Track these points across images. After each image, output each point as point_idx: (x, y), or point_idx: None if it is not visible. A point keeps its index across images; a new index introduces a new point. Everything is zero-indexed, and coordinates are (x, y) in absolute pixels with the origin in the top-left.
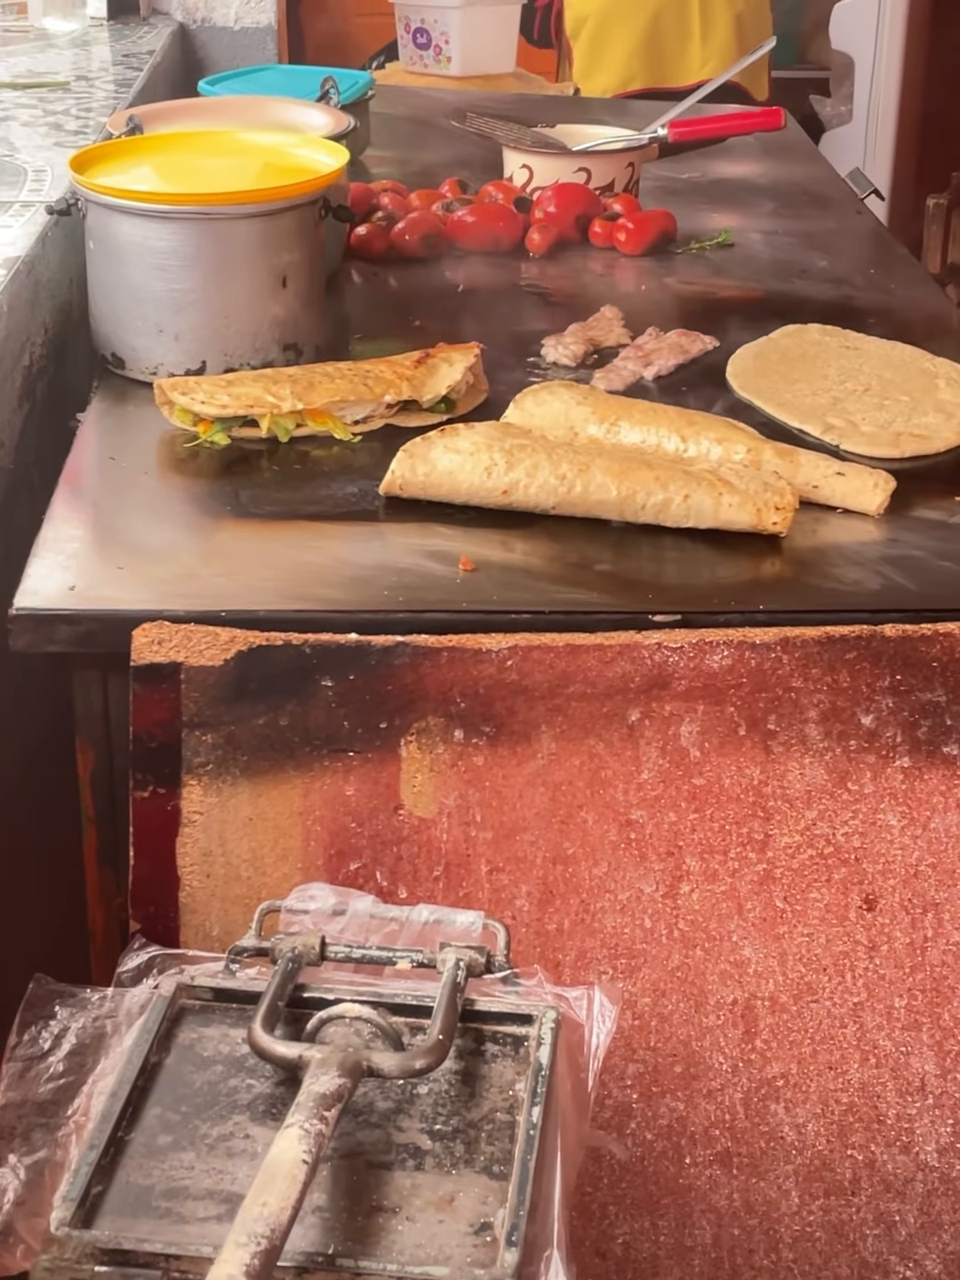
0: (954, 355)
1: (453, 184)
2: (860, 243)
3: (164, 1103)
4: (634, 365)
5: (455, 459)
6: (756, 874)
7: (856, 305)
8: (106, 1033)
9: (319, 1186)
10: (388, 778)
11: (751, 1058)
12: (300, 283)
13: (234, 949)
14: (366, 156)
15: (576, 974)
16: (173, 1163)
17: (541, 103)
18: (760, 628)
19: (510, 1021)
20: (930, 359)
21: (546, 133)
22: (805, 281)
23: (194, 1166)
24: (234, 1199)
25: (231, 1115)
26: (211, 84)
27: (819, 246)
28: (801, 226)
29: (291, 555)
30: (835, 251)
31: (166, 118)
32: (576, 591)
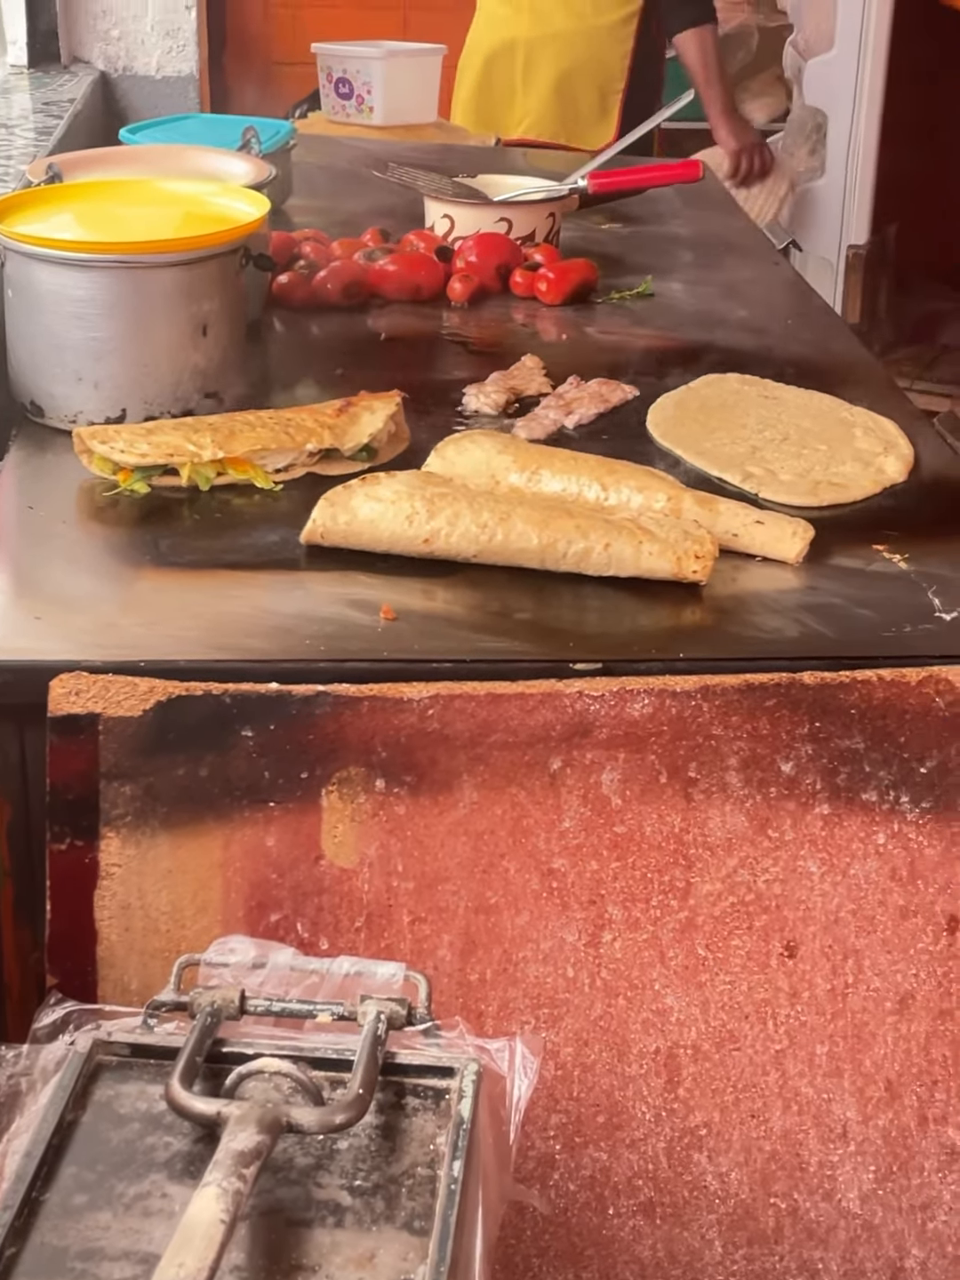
0: (871, 404)
1: (374, 233)
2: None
3: (80, 1161)
4: (555, 414)
5: (377, 507)
6: (678, 922)
7: (775, 355)
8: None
9: (237, 1245)
10: (309, 828)
11: (674, 1106)
12: (221, 331)
13: (152, 1004)
14: (288, 205)
15: (499, 1025)
16: (88, 1223)
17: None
18: (681, 676)
19: (431, 1074)
20: (847, 408)
21: (468, 183)
22: (725, 331)
23: (110, 1227)
24: (150, 1259)
25: (148, 1174)
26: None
27: (738, 297)
28: (720, 277)
29: (212, 604)
30: (754, 302)
31: (86, 166)
32: (498, 640)
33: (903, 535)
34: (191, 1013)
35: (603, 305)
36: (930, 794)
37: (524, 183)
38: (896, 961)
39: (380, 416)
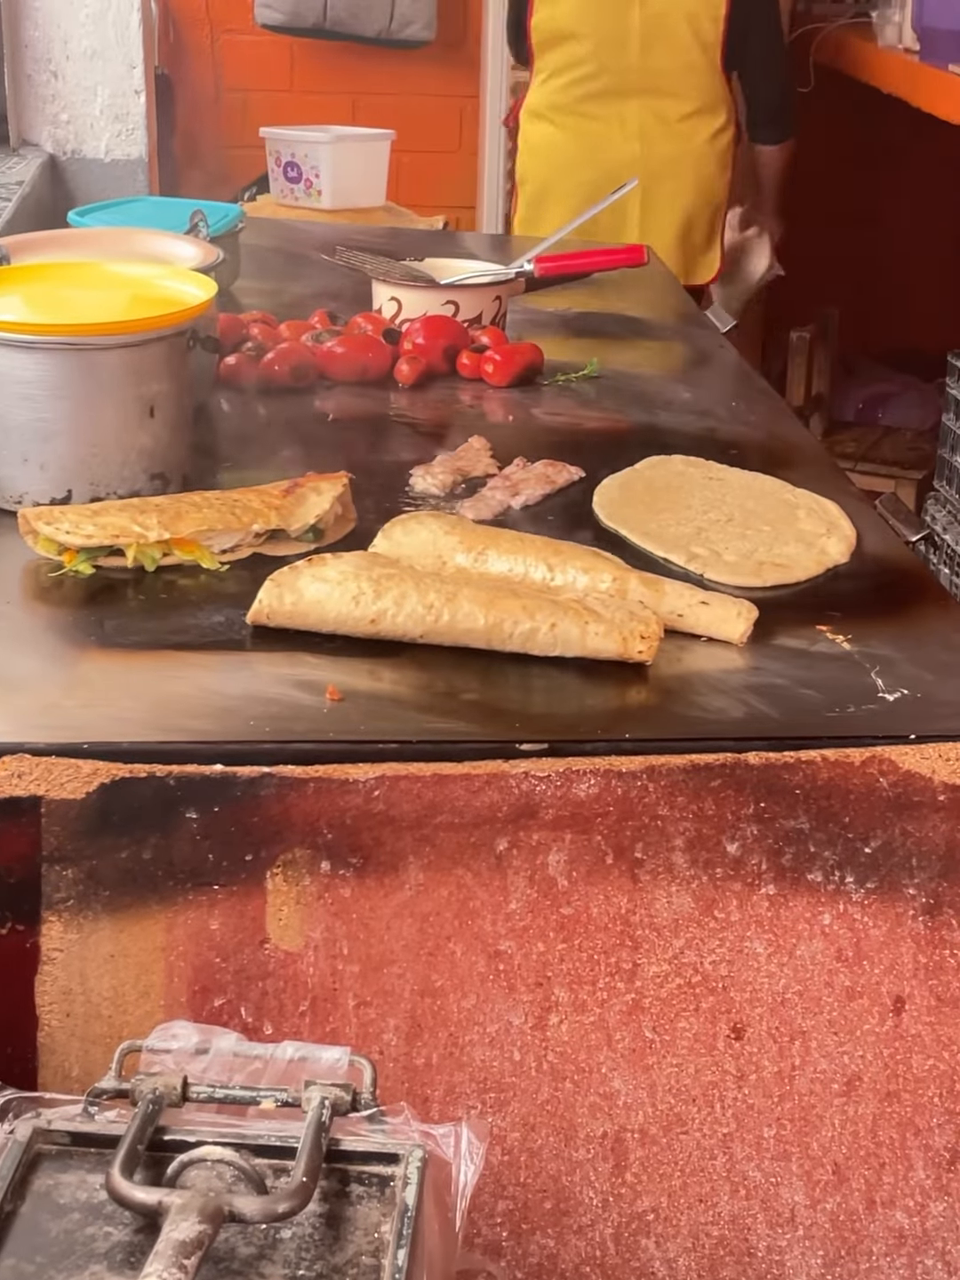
0: (814, 486)
1: (322, 315)
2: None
3: (18, 1253)
4: (501, 495)
5: (323, 588)
6: (625, 1004)
7: (719, 437)
8: None
9: None
10: (253, 911)
11: (622, 1191)
12: (168, 412)
13: (93, 1091)
14: (237, 287)
15: (445, 1109)
16: None
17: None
18: (627, 756)
19: (376, 1161)
20: (791, 490)
21: (416, 266)
22: (669, 413)
23: None
24: None
25: (89, 1265)
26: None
27: (682, 379)
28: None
29: (157, 685)
30: (698, 384)
31: (34, 248)
32: (444, 720)
33: (846, 616)
34: (133, 1100)
35: (549, 387)
36: (875, 874)
37: (471, 266)
38: (843, 1043)
39: (327, 498)
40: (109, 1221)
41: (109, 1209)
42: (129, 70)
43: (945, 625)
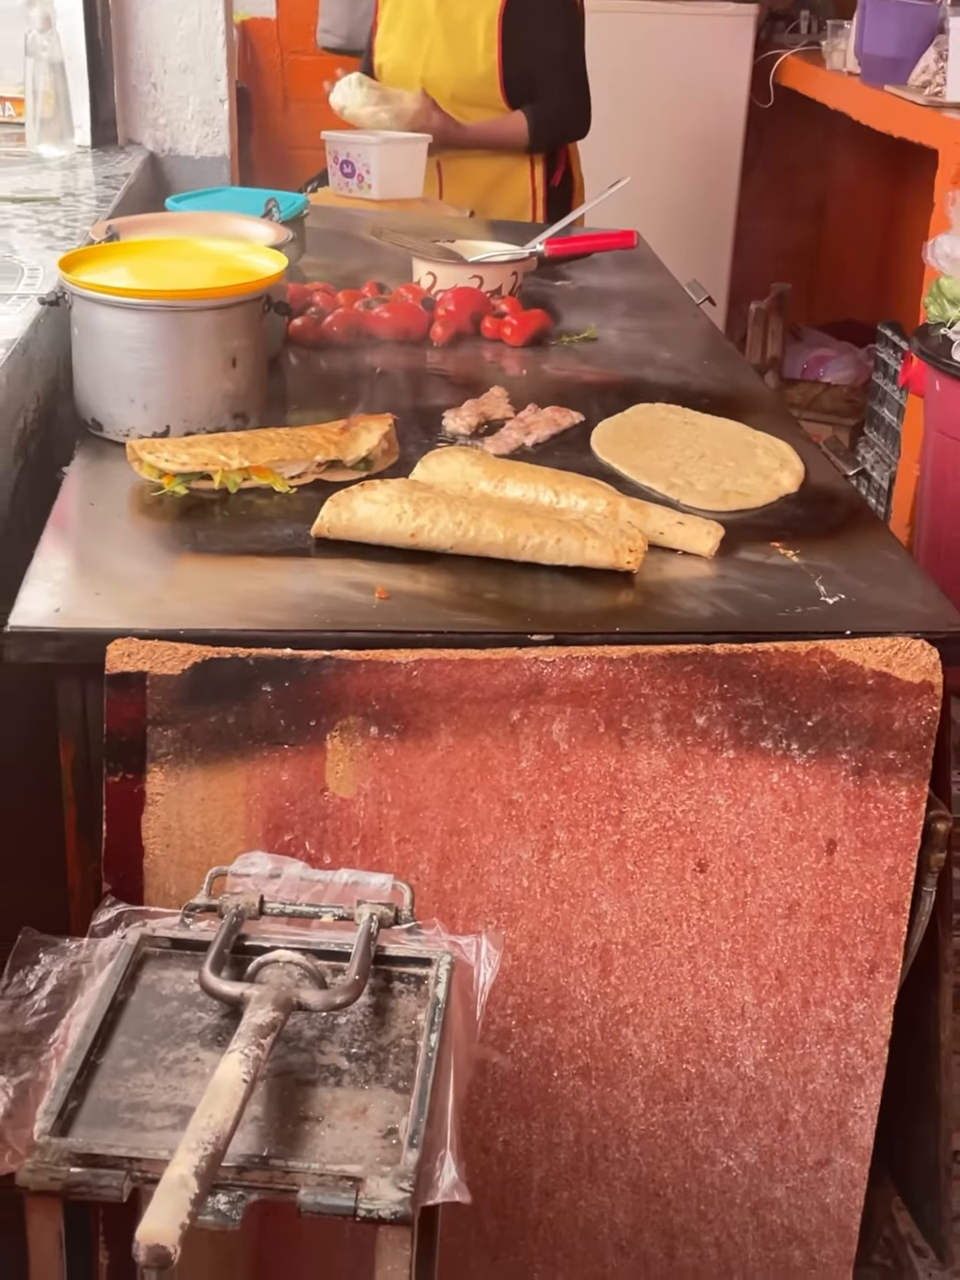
0: (770, 429)
1: (372, 286)
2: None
3: (129, 1033)
4: (517, 434)
5: (373, 508)
6: (612, 843)
7: (693, 389)
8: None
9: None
10: (316, 766)
11: (607, 991)
12: (247, 363)
13: (188, 906)
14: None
15: (467, 925)
16: (136, 1082)
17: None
18: (617, 646)
19: (413, 964)
20: (751, 433)
21: (448, 246)
22: (653, 369)
23: (154, 1085)
24: (186, 1112)
25: (185, 1043)
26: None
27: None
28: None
29: (238, 584)
30: (677, 346)
31: (139, 228)
32: (470, 615)
33: (795, 535)
34: (220, 913)
35: (555, 347)
36: (815, 743)
37: (493, 247)
38: (786, 876)
39: (376, 435)
40: (201, 1009)
41: (201, 999)
42: (214, 82)
43: (875, 543)
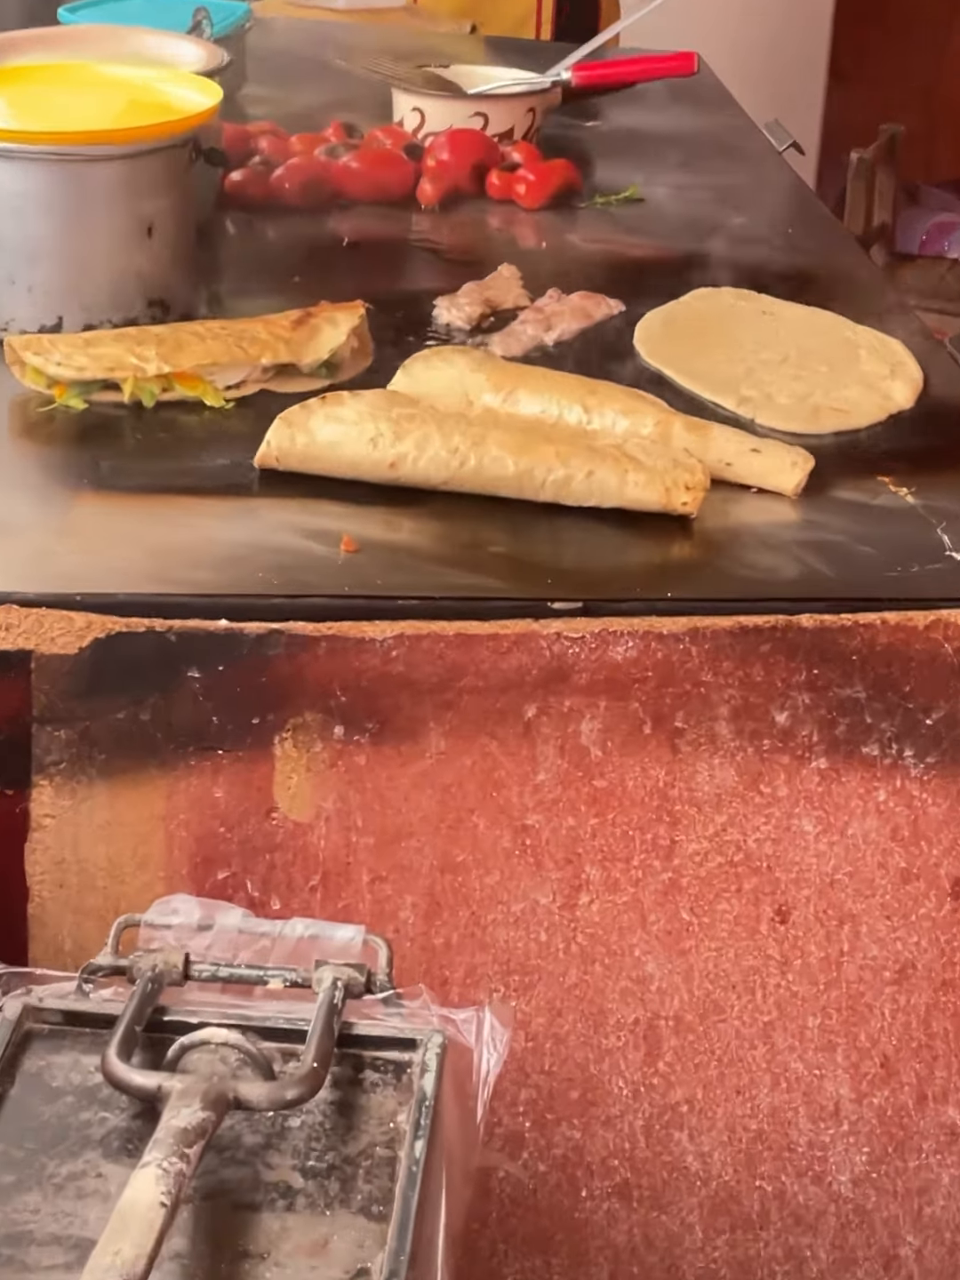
0: (877, 323)
1: (337, 127)
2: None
3: (7, 1138)
4: (533, 329)
5: (338, 429)
6: (661, 883)
7: (774, 268)
8: None
9: (179, 1230)
10: (260, 778)
11: (654, 1081)
12: (168, 232)
13: (87, 967)
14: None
15: (466, 993)
16: (16, 1205)
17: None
18: (668, 617)
19: (392, 1046)
20: (852, 327)
21: (440, 73)
22: (719, 241)
23: (40, 1209)
24: (84, 1245)
25: (83, 1152)
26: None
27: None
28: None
29: (156, 532)
30: (751, 209)
31: (20, 48)
32: (469, 575)
33: (910, 467)
34: (131, 977)
35: (586, 210)
36: (936, 748)
37: (501, 74)
38: (896, 928)
39: (342, 330)
40: (105, 1106)
41: (104, 1093)
42: None
43: None
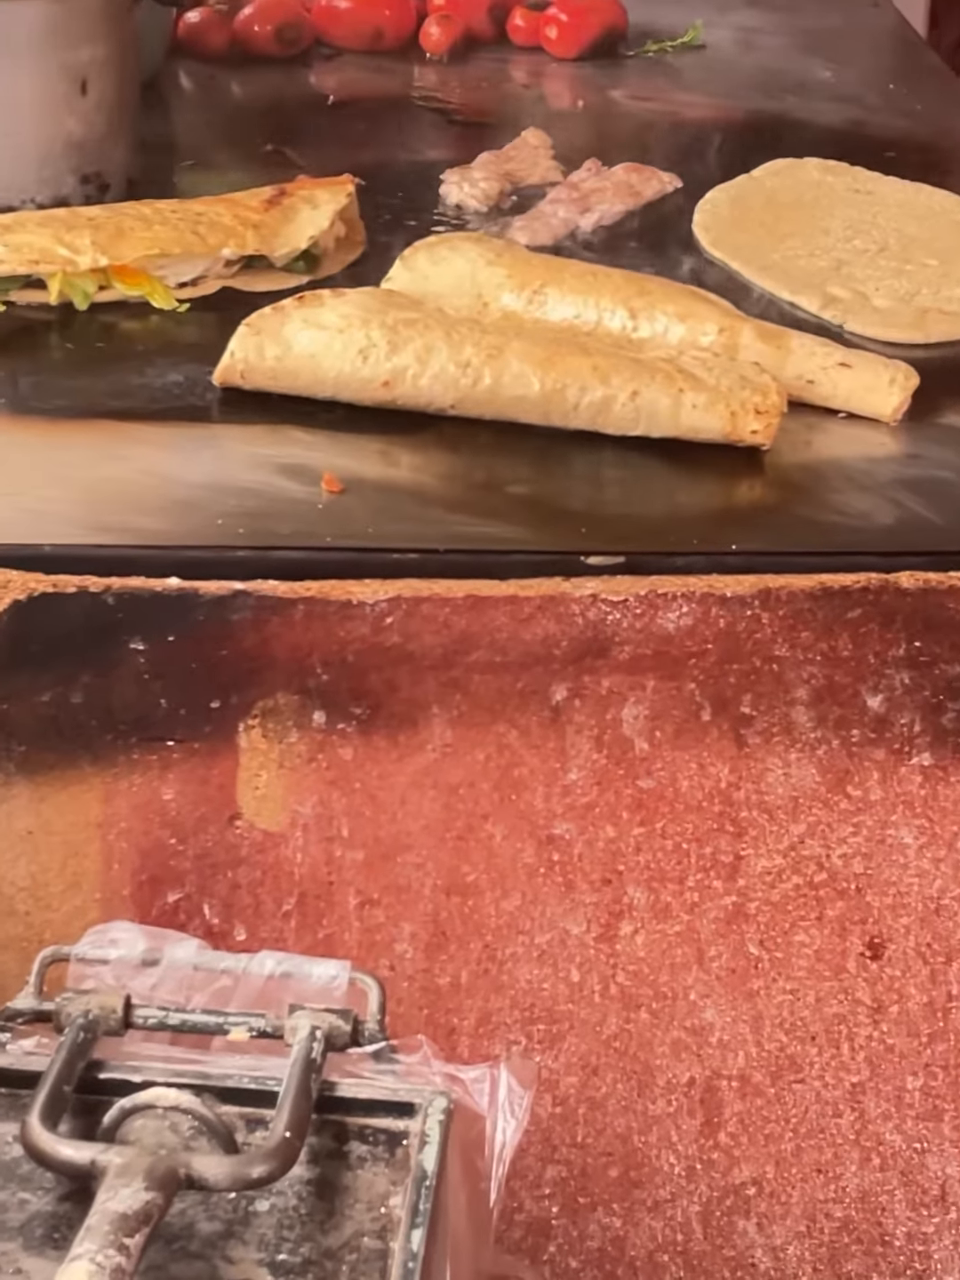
0: None
1: None
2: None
3: None
4: (566, 211)
5: (319, 337)
6: (722, 909)
7: (870, 133)
8: None
9: None
10: (220, 776)
11: (713, 1157)
12: (106, 89)
13: (4, 1011)
14: None
15: (477, 1045)
16: None
17: None
18: (733, 575)
19: (384, 1112)
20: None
21: None
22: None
23: None
24: None
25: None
26: None
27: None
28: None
29: (90, 468)
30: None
31: None
32: (483, 523)
33: None
34: (58, 1025)
35: (634, 61)
36: None
37: None
38: None
39: (325, 212)
40: (24, 1185)
41: (24, 1169)
42: None
43: None
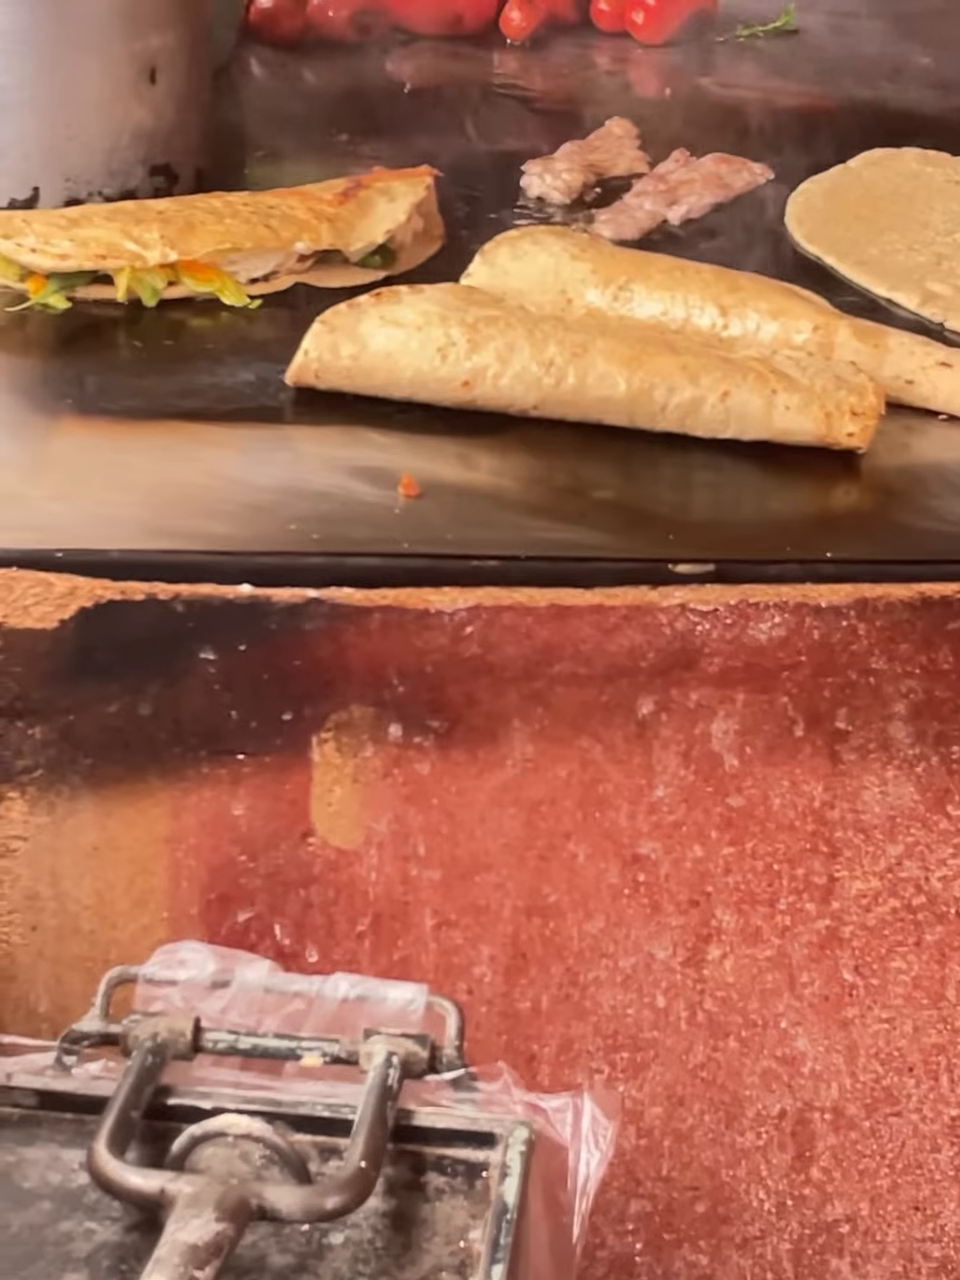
0: None
1: None
2: None
3: None
4: (653, 204)
5: (396, 335)
6: (816, 934)
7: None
8: None
9: None
10: (293, 791)
11: (805, 1193)
12: (175, 77)
13: (69, 1034)
14: None
15: (559, 1073)
16: None
17: None
18: (827, 584)
19: (463, 1142)
20: None
21: None
22: (898, 87)
23: None
24: None
25: (63, 1273)
26: None
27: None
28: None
29: (158, 471)
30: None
31: None
32: (566, 528)
33: None
34: (125, 1049)
35: (724, 46)
36: None
37: None
38: None
39: (402, 205)
40: (91, 1215)
41: (91, 1198)
42: None
43: None
